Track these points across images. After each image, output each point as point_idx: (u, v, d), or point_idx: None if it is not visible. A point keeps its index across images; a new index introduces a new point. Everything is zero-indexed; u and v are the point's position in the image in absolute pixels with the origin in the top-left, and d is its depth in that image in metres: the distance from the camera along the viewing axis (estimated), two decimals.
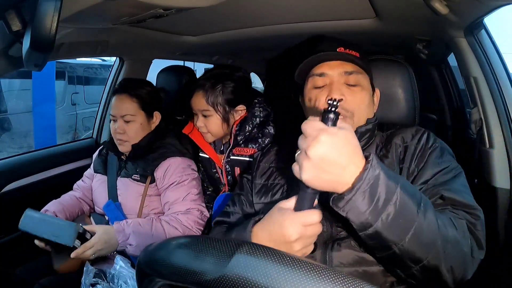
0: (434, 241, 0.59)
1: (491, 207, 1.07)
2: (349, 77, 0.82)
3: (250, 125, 1.23)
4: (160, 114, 1.32)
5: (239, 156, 1.23)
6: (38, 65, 0.72)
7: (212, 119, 1.21)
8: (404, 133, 0.84)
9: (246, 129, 1.22)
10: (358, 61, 0.82)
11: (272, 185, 0.89)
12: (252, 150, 1.22)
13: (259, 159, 0.95)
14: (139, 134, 1.24)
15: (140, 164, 1.25)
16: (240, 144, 1.23)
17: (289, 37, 1.36)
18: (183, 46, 1.50)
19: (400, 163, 0.79)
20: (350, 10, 1.07)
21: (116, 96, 1.24)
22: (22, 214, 1.07)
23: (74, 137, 5.39)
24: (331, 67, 0.83)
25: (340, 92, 0.80)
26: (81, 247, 1.04)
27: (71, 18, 0.82)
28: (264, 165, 0.94)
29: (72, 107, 5.53)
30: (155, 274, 0.40)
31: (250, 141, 1.23)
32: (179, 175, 1.23)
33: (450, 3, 0.83)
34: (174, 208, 1.20)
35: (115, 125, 1.23)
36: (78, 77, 5.67)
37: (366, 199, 0.55)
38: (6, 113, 5.12)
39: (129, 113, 1.21)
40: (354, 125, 0.81)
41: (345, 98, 0.80)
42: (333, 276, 0.32)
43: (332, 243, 0.76)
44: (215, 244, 0.38)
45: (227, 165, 1.25)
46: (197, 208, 1.22)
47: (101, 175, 1.33)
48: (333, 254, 0.75)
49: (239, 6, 1.04)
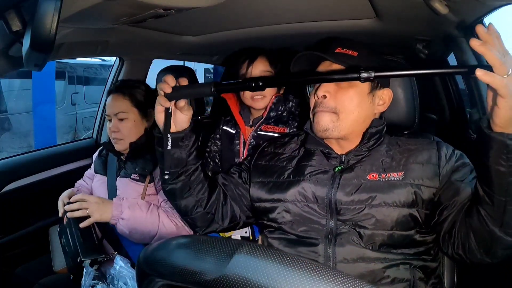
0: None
1: None
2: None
3: (283, 106, 1.30)
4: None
5: (268, 132, 1.29)
6: (38, 65, 0.72)
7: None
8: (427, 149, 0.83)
9: (279, 109, 1.29)
10: (347, 60, 0.82)
11: (271, 166, 0.93)
12: (282, 129, 1.29)
13: (264, 145, 1.00)
14: (133, 132, 1.25)
15: (139, 164, 1.25)
16: (270, 122, 1.30)
17: (289, 37, 1.36)
18: (183, 46, 1.50)
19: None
20: (350, 10, 1.07)
21: (110, 96, 1.27)
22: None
23: (74, 137, 5.40)
24: (323, 67, 0.86)
25: (325, 89, 0.83)
26: (77, 196, 1.11)
27: (71, 18, 0.82)
28: (268, 149, 0.98)
29: (72, 107, 5.53)
30: (155, 274, 0.40)
31: (280, 121, 1.30)
32: None
33: (450, 3, 0.83)
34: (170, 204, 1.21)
35: (110, 124, 1.26)
36: (78, 77, 5.68)
37: None
38: (6, 113, 5.13)
39: (121, 110, 1.23)
40: (340, 123, 0.82)
41: (330, 95, 0.83)
42: (333, 276, 0.32)
43: (334, 237, 0.77)
44: (215, 244, 0.38)
45: (252, 139, 1.29)
46: None
47: (101, 176, 1.33)
48: (336, 250, 0.77)
49: (239, 6, 1.04)
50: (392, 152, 0.84)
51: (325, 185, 0.83)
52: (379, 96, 0.87)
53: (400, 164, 0.82)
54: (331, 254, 0.77)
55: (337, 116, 0.82)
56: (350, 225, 0.78)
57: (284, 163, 0.92)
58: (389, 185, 0.79)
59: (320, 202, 0.82)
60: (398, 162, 0.82)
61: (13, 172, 1.47)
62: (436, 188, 0.78)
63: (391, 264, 0.76)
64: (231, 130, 1.36)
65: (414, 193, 0.78)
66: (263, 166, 0.95)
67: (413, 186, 0.78)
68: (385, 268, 0.75)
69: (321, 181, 0.84)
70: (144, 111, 1.28)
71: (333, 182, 0.82)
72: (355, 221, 0.78)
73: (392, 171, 0.81)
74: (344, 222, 0.79)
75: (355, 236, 0.77)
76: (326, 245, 0.78)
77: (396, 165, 0.82)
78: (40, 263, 1.32)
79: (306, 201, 0.84)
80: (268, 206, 0.89)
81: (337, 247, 0.77)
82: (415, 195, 0.78)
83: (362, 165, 0.83)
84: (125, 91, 1.25)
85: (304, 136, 0.95)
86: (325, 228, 0.80)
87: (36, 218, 1.50)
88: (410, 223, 0.77)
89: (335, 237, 0.78)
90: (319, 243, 0.79)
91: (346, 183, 0.81)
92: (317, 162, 0.88)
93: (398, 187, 0.79)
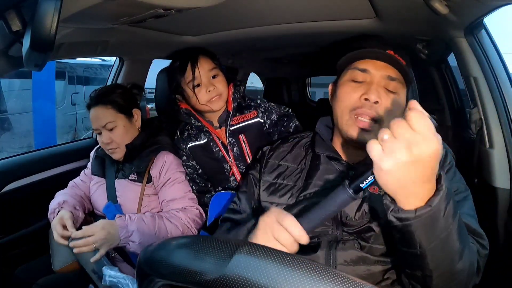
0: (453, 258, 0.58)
1: (491, 207, 1.07)
2: (391, 82, 0.79)
3: (239, 92, 1.28)
4: (139, 110, 1.31)
5: (241, 123, 1.26)
6: (38, 65, 0.72)
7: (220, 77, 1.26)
8: None
9: (237, 96, 1.27)
10: (403, 69, 0.78)
11: (281, 185, 0.86)
12: (251, 114, 1.27)
13: (268, 155, 0.92)
14: (126, 137, 1.24)
15: (135, 163, 1.25)
16: (235, 114, 1.27)
17: (289, 37, 1.36)
18: (183, 46, 1.50)
19: None
20: (350, 10, 1.07)
21: (91, 110, 1.23)
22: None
23: (74, 137, 5.40)
24: (376, 66, 0.79)
25: (377, 94, 0.76)
26: (81, 231, 1.04)
27: (71, 18, 0.82)
28: (274, 161, 0.91)
29: (72, 107, 5.53)
30: (155, 274, 0.40)
31: (244, 108, 1.29)
32: (173, 171, 1.24)
33: (450, 3, 0.83)
34: (172, 206, 1.21)
35: (101, 137, 1.23)
36: (78, 77, 5.68)
37: (444, 215, 0.53)
38: (6, 113, 5.13)
39: (108, 121, 1.20)
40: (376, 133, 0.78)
41: (381, 101, 0.77)
42: (333, 276, 0.32)
43: (336, 243, 0.77)
44: (215, 244, 0.38)
45: (230, 138, 1.26)
46: (195, 207, 1.22)
47: (99, 178, 1.33)
48: (337, 253, 0.76)
49: (239, 6, 1.04)
50: None
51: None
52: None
53: None
54: (332, 257, 0.77)
55: (378, 127, 0.75)
56: (355, 236, 0.78)
57: (293, 183, 0.86)
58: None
59: None
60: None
61: (13, 172, 1.47)
62: None
63: (391, 267, 0.76)
64: (200, 141, 1.28)
65: None
66: (272, 184, 0.88)
67: None
68: (385, 270, 0.75)
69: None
70: (129, 113, 1.27)
71: None
72: (359, 232, 0.77)
73: None
74: (349, 233, 0.78)
75: (357, 244, 0.77)
76: (328, 250, 0.78)
77: None
78: (40, 263, 1.32)
79: None
80: None
81: (338, 251, 0.77)
82: None
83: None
84: (104, 100, 1.22)
85: (311, 139, 0.91)
86: (329, 236, 0.79)
87: (36, 218, 1.50)
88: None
89: (337, 242, 0.78)
90: (321, 247, 0.78)
91: None
92: (323, 173, 0.83)
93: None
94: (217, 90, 1.22)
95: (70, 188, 1.36)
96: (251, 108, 1.28)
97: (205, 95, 1.21)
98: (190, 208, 1.21)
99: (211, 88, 1.21)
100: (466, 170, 0.80)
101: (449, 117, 1.81)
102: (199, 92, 1.22)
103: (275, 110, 1.31)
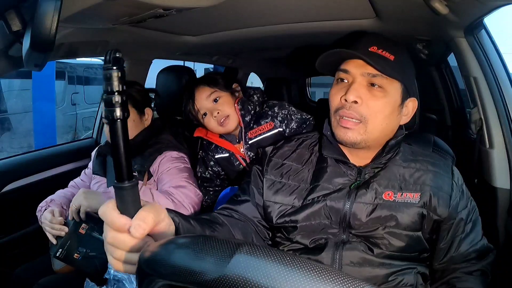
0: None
1: (491, 207, 1.07)
2: (373, 78, 0.77)
3: (251, 104, 1.27)
4: (151, 110, 1.34)
5: (258, 137, 1.26)
6: (38, 65, 0.72)
7: (223, 98, 1.25)
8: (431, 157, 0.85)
9: (249, 108, 1.27)
10: (385, 64, 0.75)
11: (284, 185, 0.86)
12: (267, 125, 1.26)
13: (271, 154, 0.91)
14: (132, 131, 1.25)
15: (137, 161, 1.25)
16: (252, 126, 1.27)
17: (289, 37, 1.36)
18: (183, 46, 1.50)
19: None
20: (350, 10, 1.07)
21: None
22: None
23: (74, 137, 5.39)
24: (356, 65, 0.78)
25: (356, 93, 0.75)
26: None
27: (71, 18, 0.82)
28: (277, 160, 0.89)
29: (72, 107, 5.53)
30: (155, 274, 0.40)
31: (261, 117, 1.27)
32: (170, 162, 1.25)
33: (450, 3, 0.83)
34: (166, 186, 1.20)
35: (108, 127, 1.24)
36: (78, 77, 5.68)
37: None
38: (6, 113, 5.13)
39: None
40: (367, 133, 0.76)
41: (362, 101, 0.75)
42: (333, 276, 0.32)
43: (342, 245, 0.78)
44: (215, 244, 0.38)
45: (248, 152, 1.27)
46: (189, 185, 1.20)
47: (100, 177, 1.33)
48: (343, 254, 0.77)
49: (239, 6, 1.04)
50: (407, 164, 0.82)
51: (340, 202, 0.79)
52: (406, 105, 0.82)
53: (417, 183, 0.79)
54: (338, 258, 0.77)
55: (365, 128, 0.76)
56: (362, 239, 0.78)
57: (299, 183, 0.85)
58: (405, 206, 0.78)
59: (334, 219, 0.80)
60: (416, 181, 0.80)
61: (13, 172, 1.47)
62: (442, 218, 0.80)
63: (396, 270, 0.77)
64: (224, 154, 1.33)
65: (424, 216, 0.78)
66: (276, 183, 0.86)
67: (425, 210, 0.78)
68: (390, 273, 0.76)
69: (335, 198, 0.80)
70: (141, 110, 1.29)
71: (349, 198, 0.79)
72: (367, 237, 0.78)
73: (408, 191, 0.79)
74: (356, 236, 0.79)
75: (363, 248, 0.77)
76: (334, 251, 0.78)
77: (413, 183, 0.79)
78: (40, 263, 1.32)
79: (320, 219, 0.81)
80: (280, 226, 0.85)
81: (344, 251, 0.77)
82: (423, 218, 0.78)
83: (378, 180, 0.80)
84: None
85: (317, 140, 0.90)
86: (336, 238, 0.79)
87: (36, 218, 1.50)
88: (417, 246, 0.79)
89: (343, 244, 0.78)
90: (327, 248, 0.79)
91: (362, 201, 0.78)
92: (331, 175, 0.83)
93: (412, 209, 0.77)
94: (222, 113, 1.24)
95: (70, 188, 1.36)
96: (268, 118, 1.27)
97: (213, 121, 1.25)
98: (185, 186, 1.19)
99: (216, 113, 1.24)
100: (466, 170, 0.80)
101: (449, 117, 1.81)
102: (209, 121, 1.26)
103: (295, 117, 1.29)
